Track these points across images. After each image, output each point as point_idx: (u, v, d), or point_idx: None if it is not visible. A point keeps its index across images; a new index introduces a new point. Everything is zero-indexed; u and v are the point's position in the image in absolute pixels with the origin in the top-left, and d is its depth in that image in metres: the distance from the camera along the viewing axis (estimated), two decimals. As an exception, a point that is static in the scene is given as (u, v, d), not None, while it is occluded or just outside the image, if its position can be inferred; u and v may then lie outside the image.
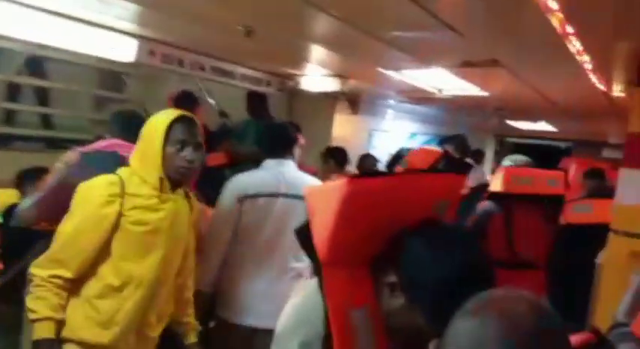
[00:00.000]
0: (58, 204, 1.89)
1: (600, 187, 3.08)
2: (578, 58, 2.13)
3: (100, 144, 2.09)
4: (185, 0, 1.94)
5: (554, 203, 2.59)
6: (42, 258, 1.41)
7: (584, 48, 2.01)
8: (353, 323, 0.86)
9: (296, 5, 1.79)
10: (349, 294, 0.88)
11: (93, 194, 1.43)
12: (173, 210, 1.50)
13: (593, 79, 2.53)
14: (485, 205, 2.64)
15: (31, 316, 1.36)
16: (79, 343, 1.40)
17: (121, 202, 1.42)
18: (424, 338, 0.77)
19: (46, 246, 1.46)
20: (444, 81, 3.08)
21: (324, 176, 4.01)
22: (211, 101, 4.77)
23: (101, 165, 1.95)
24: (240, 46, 2.55)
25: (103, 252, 1.42)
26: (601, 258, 2.22)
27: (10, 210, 2.66)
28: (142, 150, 1.50)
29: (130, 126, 2.25)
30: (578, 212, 2.80)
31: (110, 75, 4.38)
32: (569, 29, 1.77)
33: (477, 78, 2.85)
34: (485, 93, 3.31)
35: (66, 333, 1.40)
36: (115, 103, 4.28)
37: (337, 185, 0.89)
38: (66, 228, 1.42)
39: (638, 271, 1.98)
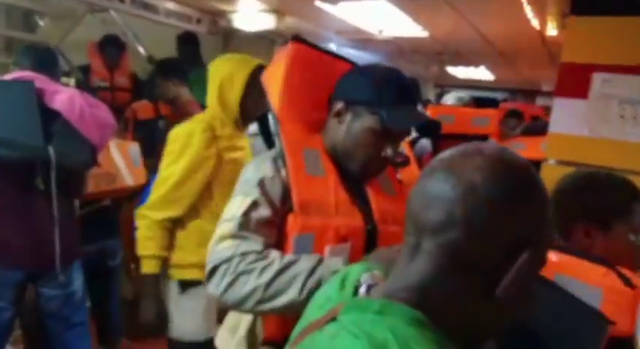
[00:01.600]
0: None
1: (533, 125, 3.16)
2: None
3: (10, 76, 1.86)
4: None
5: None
6: (153, 200, 1.53)
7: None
8: (306, 158, 1.01)
9: None
10: (304, 138, 1.03)
11: (193, 138, 1.52)
12: (247, 147, 1.66)
13: (529, 14, 2.50)
14: (421, 143, 2.64)
15: (142, 252, 1.53)
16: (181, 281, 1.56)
17: (216, 144, 1.54)
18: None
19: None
20: (385, 16, 2.97)
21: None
22: (139, 46, 4.44)
23: (13, 95, 1.75)
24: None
25: (203, 197, 1.55)
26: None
27: None
28: (221, 96, 1.60)
29: (43, 61, 2.02)
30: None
31: (21, 13, 3.94)
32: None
33: (419, 13, 2.76)
34: (425, 34, 3.25)
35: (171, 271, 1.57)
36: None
37: (284, 50, 1.07)
38: (175, 170, 1.52)
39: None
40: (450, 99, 2.90)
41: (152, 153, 4.02)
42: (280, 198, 0.97)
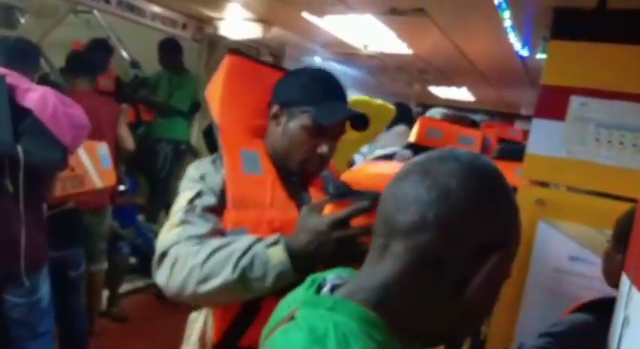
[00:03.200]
0: None
1: (509, 149, 3.22)
2: (499, 12, 2.12)
3: None
4: None
5: None
6: None
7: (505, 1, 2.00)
8: (244, 158, 1.04)
9: None
10: (243, 141, 1.07)
11: None
12: None
13: (511, 37, 2.56)
14: (402, 153, 2.64)
15: None
16: None
17: None
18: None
19: None
20: (370, 31, 3.00)
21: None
22: (122, 51, 4.39)
23: None
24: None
25: None
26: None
27: None
28: None
29: (19, 56, 1.96)
30: None
31: (1, 9, 3.86)
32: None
33: (403, 29, 2.80)
34: (409, 52, 3.29)
35: None
36: (6, 42, 3.78)
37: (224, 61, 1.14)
38: None
39: (543, 219, 2.07)
40: (435, 114, 2.92)
41: (131, 158, 3.95)
42: (219, 193, 1.01)
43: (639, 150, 2.00)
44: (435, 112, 2.96)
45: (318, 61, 4.32)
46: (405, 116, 4.08)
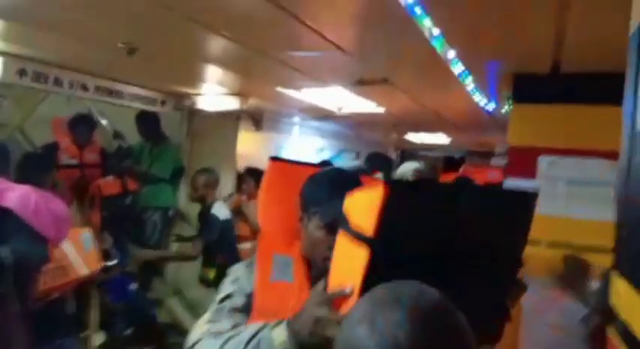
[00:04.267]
0: None
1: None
2: (460, 79, 2.25)
3: None
4: (54, 13, 1.74)
5: None
6: None
7: (466, 69, 2.13)
8: (275, 264, 1.07)
9: (179, 23, 1.69)
10: (279, 245, 1.09)
11: None
12: None
13: (476, 98, 2.70)
14: None
15: None
16: None
17: None
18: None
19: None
20: (342, 98, 3.13)
21: (241, 196, 3.88)
22: (103, 122, 4.45)
23: None
24: (126, 64, 2.38)
25: None
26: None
27: None
28: None
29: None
30: None
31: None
32: (451, 53, 1.86)
33: (372, 95, 2.93)
34: (380, 110, 3.42)
35: None
36: (-13, 127, 3.82)
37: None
38: None
39: (527, 276, 2.13)
40: (406, 172, 2.98)
41: (120, 230, 3.93)
42: (250, 295, 1.05)
43: (611, 202, 2.10)
44: (407, 169, 3.02)
45: (296, 120, 4.44)
46: (383, 166, 4.17)
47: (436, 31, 1.65)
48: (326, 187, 1.09)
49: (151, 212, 4.04)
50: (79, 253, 2.30)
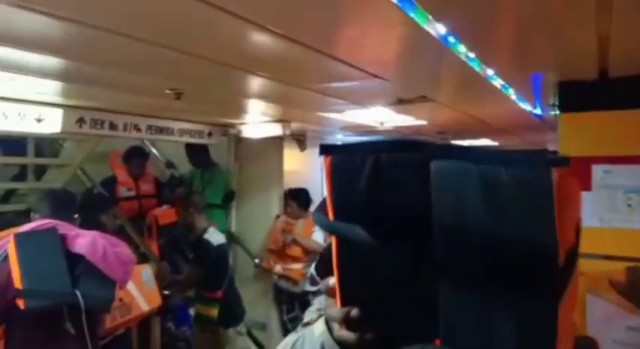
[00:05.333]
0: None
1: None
2: (503, 91, 2.21)
3: (33, 225, 2.00)
4: (107, 73, 1.88)
5: None
6: None
7: (507, 83, 2.09)
8: None
9: (222, 70, 1.78)
10: None
11: None
12: None
13: (522, 105, 2.63)
14: None
15: None
16: None
17: None
18: None
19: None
20: (384, 116, 3.14)
21: (288, 219, 3.95)
22: (156, 152, 4.68)
23: (39, 245, 1.88)
24: (173, 105, 2.50)
25: None
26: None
27: None
28: None
29: (61, 206, 2.17)
30: None
31: (46, 141, 4.21)
32: (490, 71, 1.84)
33: (413, 111, 2.92)
34: (424, 122, 3.40)
35: None
36: (51, 168, 4.10)
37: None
38: None
39: (591, 291, 2.05)
40: None
41: (176, 257, 4.10)
42: None
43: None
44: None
45: (339, 137, 4.48)
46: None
47: (472, 55, 1.64)
48: None
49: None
50: (141, 290, 2.44)
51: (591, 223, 2.08)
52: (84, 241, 1.96)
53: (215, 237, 3.22)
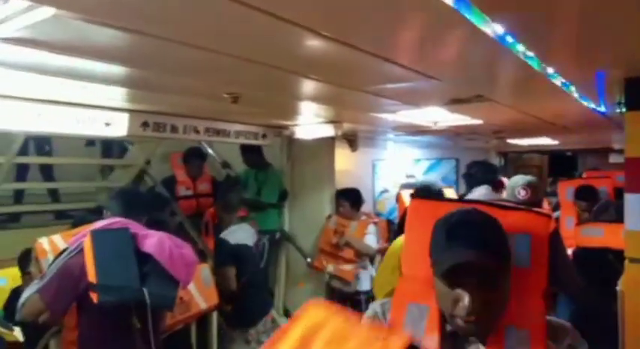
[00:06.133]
0: (61, 292, 1.92)
1: (605, 209, 3.07)
2: (564, 89, 2.13)
3: (106, 222, 2.12)
4: (169, 79, 1.97)
5: None
6: None
7: (568, 81, 2.01)
8: (409, 313, 1.03)
9: (277, 74, 1.82)
10: (417, 292, 1.05)
11: None
12: None
13: (585, 103, 2.52)
14: None
15: None
16: None
17: None
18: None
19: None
20: (438, 115, 3.09)
21: (340, 219, 3.96)
22: (212, 152, 4.84)
23: (113, 242, 1.99)
24: (230, 108, 2.59)
25: None
26: (621, 284, 2.16)
27: (11, 301, 2.67)
28: None
29: (132, 206, 2.29)
30: (589, 235, 2.81)
31: (113, 142, 4.47)
32: (550, 69, 1.78)
33: (469, 111, 2.86)
34: (479, 121, 3.31)
35: None
36: (118, 168, 4.35)
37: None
38: None
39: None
40: (518, 182, 2.85)
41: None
42: None
43: None
44: (517, 184, 2.90)
45: (391, 136, 4.45)
46: (487, 175, 3.99)
47: (530, 53, 1.59)
48: (443, 233, 0.99)
49: (260, 235, 4.31)
50: (199, 289, 2.52)
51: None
52: (152, 241, 2.05)
53: (235, 235, 3.18)
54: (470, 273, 0.94)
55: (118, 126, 2.69)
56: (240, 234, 3.22)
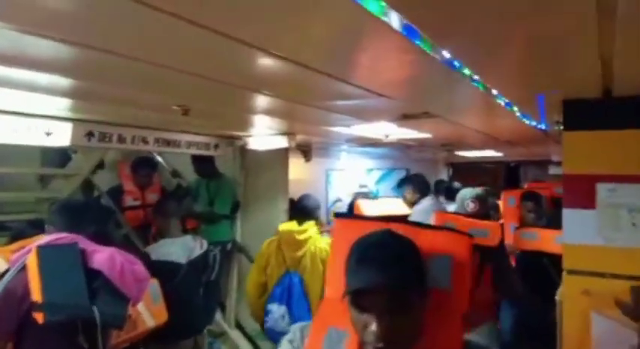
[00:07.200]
0: (3, 316, 1.80)
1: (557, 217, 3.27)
2: (507, 108, 2.23)
3: (52, 237, 2.00)
4: (115, 91, 1.90)
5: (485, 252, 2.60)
6: None
7: (511, 101, 2.10)
8: (327, 338, 1.00)
9: (228, 89, 1.80)
10: (338, 314, 1.00)
11: None
12: None
13: (527, 121, 2.64)
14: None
15: None
16: None
17: None
18: None
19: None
20: (389, 129, 3.15)
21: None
22: (162, 161, 4.71)
23: (61, 259, 1.88)
24: (181, 119, 2.53)
25: None
26: (559, 295, 2.28)
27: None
28: None
29: (77, 219, 2.18)
30: (526, 239, 3.01)
31: (54, 151, 4.25)
32: (494, 91, 1.85)
33: (417, 126, 2.93)
34: (428, 135, 3.41)
35: None
36: (59, 178, 4.14)
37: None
38: None
39: (596, 309, 2.05)
40: (466, 195, 3.00)
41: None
42: None
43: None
44: (466, 197, 3.03)
45: (344, 147, 4.50)
46: (425, 188, 4.18)
47: (476, 77, 1.66)
48: (354, 255, 0.97)
49: (210, 247, 4.22)
50: (147, 305, 2.43)
51: (596, 242, 2.08)
52: (102, 257, 1.97)
53: (161, 250, 2.91)
54: (378, 297, 0.91)
55: (61, 136, 2.56)
56: (170, 248, 2.92)
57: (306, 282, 2.68)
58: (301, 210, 2.91)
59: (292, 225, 2.82)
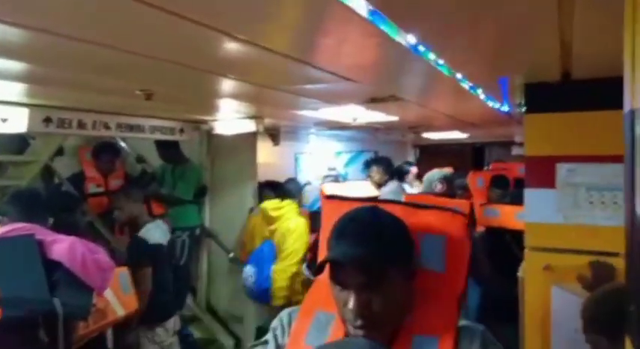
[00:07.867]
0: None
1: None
2: (471, 92, 2.26)
3: (6, 229, 1.93)
4: (74, 76, 1.83)
5: None
6: None
7: (475, 85, 2.14)
8: (315, 321, 0.99)
9: (192, 73, 1.76)
10: (326, 297, 0.97)
11: None
12: None
13: (490, 103, 2.70)
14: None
15: None
16: None
17: None
18: None
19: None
20: (357, 113, 3.16)
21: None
22: (126, 146, 4.59)
23: (16, 252, 1.82)
24: (144, 104, 2.46)
25: None
26: (521, 271, 2.36)
27: None
28: None
29: (31, 209, 2.11)
30: (489, 216, 3.09)
31: (10, 136, 4.06)
32: (458, 75, 1.88)
33: (385, 109, 2.95)
34: (395, 118, 3.44)
35: None
36: (18, 166, 3.98)
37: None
38: None
39: (554, 283, 2.14)
40: (434, 180, 3.06)
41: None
42: (283, 346, 1.03)
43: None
44: (433, 177, 3.09)
45: (313, 131, 4.49)
46: (392, 170, 4.28)
47: (441, 61, 1.67)
48: (335, 230, 0.96)
49: (179, 233, 4.17)
50: (117, 295, 2.39)
51: (556, 220, 2.16)
52: (62, 247, 1.90)
53: (154, 235, 2.97)
54: (356, 273, 0.89)
55: (17, 122, 2.45)
56: (157, 233, 3.03)
57: (276, 250, 3.36)
58: (286, 192, 3.60)
59: (270, 204, 3.49)
